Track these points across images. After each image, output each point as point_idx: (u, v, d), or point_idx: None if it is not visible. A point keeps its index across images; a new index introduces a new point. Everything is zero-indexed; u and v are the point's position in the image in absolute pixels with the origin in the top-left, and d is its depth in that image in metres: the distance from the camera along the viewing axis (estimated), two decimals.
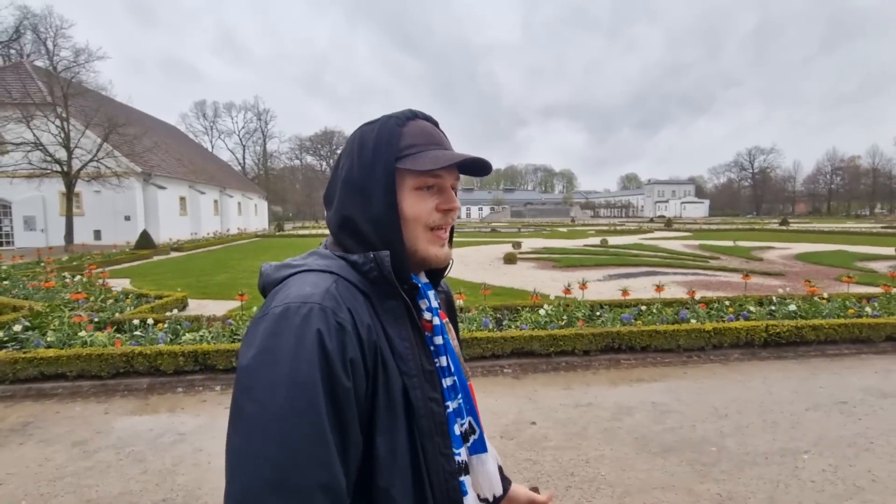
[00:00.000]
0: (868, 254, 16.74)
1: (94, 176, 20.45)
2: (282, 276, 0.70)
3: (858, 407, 4.06)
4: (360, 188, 0.73)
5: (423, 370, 0.71)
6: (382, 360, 0.66)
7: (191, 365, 4.87)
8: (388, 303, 0.71)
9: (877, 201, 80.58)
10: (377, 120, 0.77)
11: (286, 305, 0.62)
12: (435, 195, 0.75)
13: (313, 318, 0.60)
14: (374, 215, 0.72)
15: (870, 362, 5.32)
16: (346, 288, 0.67)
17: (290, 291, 0.65)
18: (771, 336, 5.71)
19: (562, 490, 2.89)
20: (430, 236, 0.76)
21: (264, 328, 0.61)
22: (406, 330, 0.71)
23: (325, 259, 0.73)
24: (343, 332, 0.61)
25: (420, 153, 0.73)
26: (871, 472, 3.05)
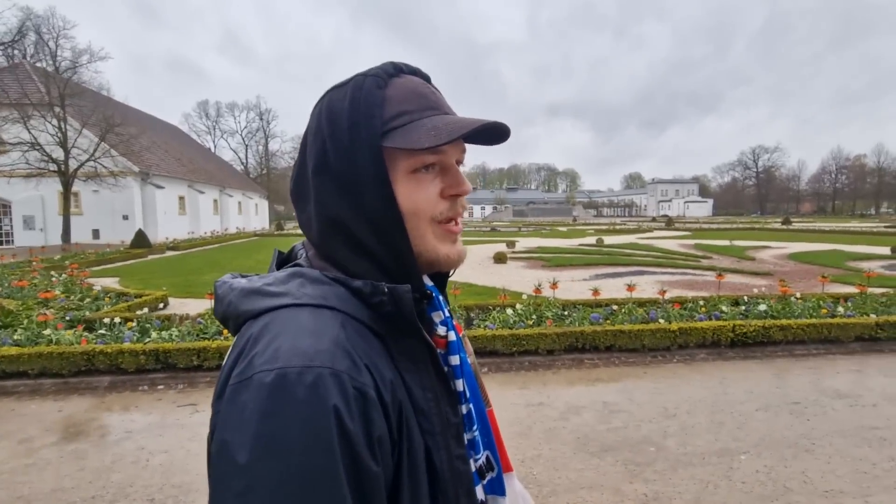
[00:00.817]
0: (863, 253, 16.59)
1: (90, 175, 20.61)
2: (255, 311, 0.51)
3: (810, 408, 4.03)
4: (343, 180, 0.55)
5: (447, 424, 0.56)
6: (406, 422, 0.52)
7: (152, 363, 4.91)
8: (406, 343, 0.54)
9: (882, 200, 79.86)
10: (348, 81, 0.57)
11: (281, 371, 0.44)
12: (437, 177, 0.58)
13: (326, 389, 0.44)
14: (369, 216, 0.55)
15: (835, 363, 5.28)
16: (357, 332, 0.51)
17: (279, 345, 0.46)
18: (738, 336, 5.68)
19: None
20: (440, 231, 0.59)
21: (254, 407, 0.44)
22: (429, 377, 0.55)
23: (317, 286, 0.54)
24: (367, 404, 0.46)
25: (413, 123, 0.55)
26: (804, 473, 3.04)
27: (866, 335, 5.84)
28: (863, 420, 3.78)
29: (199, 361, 4.96)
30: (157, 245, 21.05)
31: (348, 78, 0.58)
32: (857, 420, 3.78)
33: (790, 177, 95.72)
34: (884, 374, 4.88)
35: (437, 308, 0.62)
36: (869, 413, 3.91)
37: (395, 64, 0.60)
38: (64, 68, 41.86)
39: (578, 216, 75.73)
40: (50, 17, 38.90)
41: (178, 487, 2.94)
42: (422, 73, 0.62)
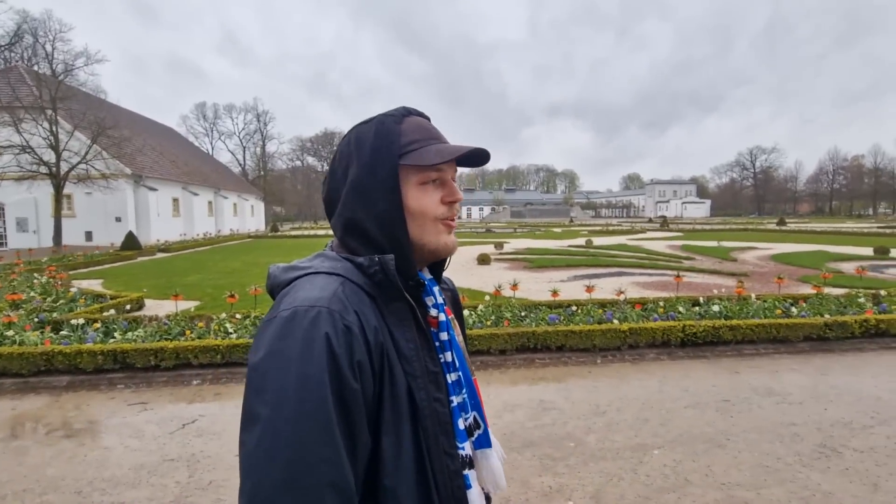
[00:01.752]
0: (846, 254, 16.71)
1: (81, 178, 20.76)
2: (289, 279, 0.72)
3: (738, 405, 4.16)
4: (364, 190, 0.74)
5: (427, 371, 0.72)
6: (388, 362, 0.68)
7: (110, 364, 5.04)
8: (394, 305, 0.72)
9: (879, 201, 79.85)
10: (371, 119, 0.78)
11: (294, 309, 0.63)
12: (438, 188, 0.77)
13: (321, 321, 0.62)
14: (378, 214, 0.73)
15: (779, 362, 5.41)
16: (353, 290, 0.69)
17: (297, 294, 0.66)
18: (688, 336, 5.80)
19: None
20: (439, 226, 0.77)
21: (273, 331, 0.63)
22: (411, 331, 0.72)
23: (332, 261, 0.74)
24: (350, 335, 0.63)
25: (422, 148, 0.75)
26: (709, 466, 3.17)
27: (815, 335, 5.97)
28: (784, 417, 3.90)
29: (156, 361, 5.10)
30: (147, 247, 21.20)
31: (372, 117, 0.79)
32: (778, 417, 3.91)
33: (788, 177, 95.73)
34: (821, 372, 5.00)
35: (429, 294, 0.79)
36: (792, 410, 4.04)
37: (406, 108, 0.80)
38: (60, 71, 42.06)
39: (576, 217, 75.79)
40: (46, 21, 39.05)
41: (108, 481, 3.07)
42: (425, 115, 0.83)
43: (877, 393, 4.39)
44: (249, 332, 5.90)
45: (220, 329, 5.94)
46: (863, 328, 6.02)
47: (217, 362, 5.21)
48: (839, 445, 3.42)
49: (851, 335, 6.02)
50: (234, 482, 2.97)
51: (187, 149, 43.81)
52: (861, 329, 6.02)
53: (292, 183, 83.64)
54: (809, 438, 3.53)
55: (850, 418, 3.86)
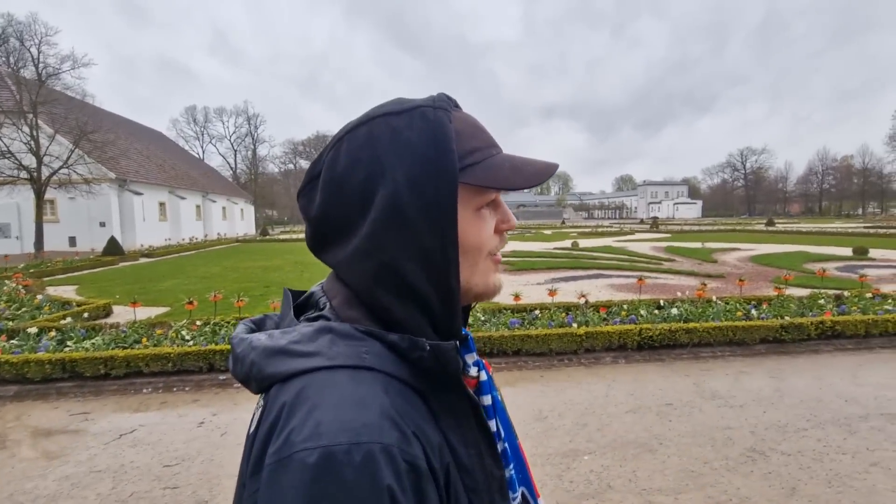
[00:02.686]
0: (825, 255, 16.85)
1: (63, 183, 20.61)
2: (283, 374, 0.47)
3: (679, 409, 4.18)
4: (407, 217, 0.50)
5: (491, 478, 0.53)
6: (452, 486, 0.48)
7: (59, 373, 5.00)
8: (448, 398, 0.51)
9: (868, 201, 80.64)
10: (406, 109, 0.53)
11: (325, 449, 0.40)
12: (492, 213, 0.57)
13: (377, 468, 0.40)
14: (424, 252, 0.50)
15: (733, 364, 5.44)
16: (400, 394, 0.47)
17: (320, 418, 0.42)
18: (644, 339, 5.83)
19: None
20: (490, 264, 0.58)
21: (298, 493, 0.39)
22: (472, 433, 0.52)
23: (350, 342, 0.49)
24: (419, 478, 0.43)
25: (488, 160, 0.55)
26: (634, 472, 3.18)
27: (771, 337, 6.00)
28: (721, 421, 3.92)
29: (106, 370, 5.06)
30: (130, 252, 21.06)
31: (405, 106, 0.53)
32: (716, 421, 3.93)
33: (778, 178, 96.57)
34: (770, 375, 5.04)
35: (470, 350, 0.58)
36: (732, 413, 4.06)
37: (448, 96, 0.57)
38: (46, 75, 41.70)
39: (568, 219, 76.14)
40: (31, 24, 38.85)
41: (28, 494, 3.05)
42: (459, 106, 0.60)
43: (819, 395, 4.43)
44: (207, 338, 5.87)
45: (176, 336, 5.91)
46: (819, 330, 6.07)
47: (169, 370, 5.17)
48: (768, 449, 3.44)
49: (808, 337, 6.06)
50: (156, 494, 2.96)
51: (175, 152, 43.60)
52: (817, 331, 6.06)
53: (285, 186, 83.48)
54: (741, 442, 3.55)
55: (787, 421, 3.89)
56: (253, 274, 14.17)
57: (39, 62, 40.99)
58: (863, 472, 3.12)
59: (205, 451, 3.56)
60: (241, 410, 4.37)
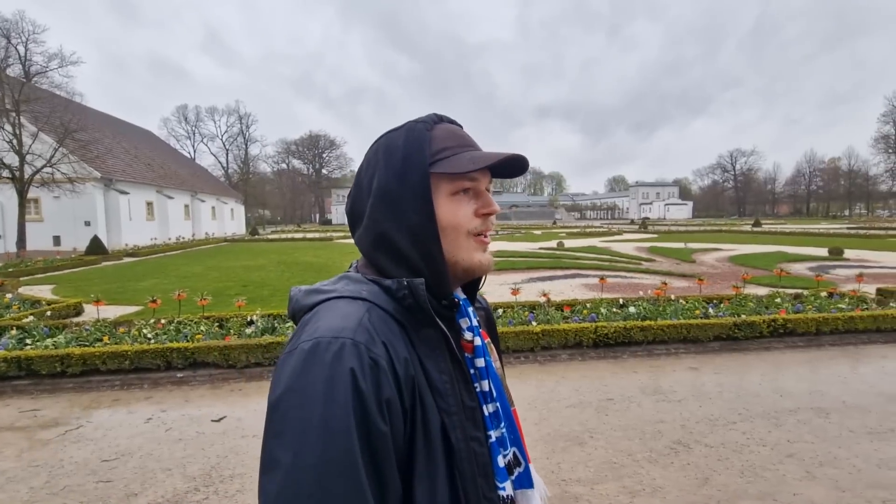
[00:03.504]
0: (802, 255, 17.10)
1: (46, 182, 20.48)
2: (311, 303, 0.66)
3: (619, 404, 4.29)
4: (393, 200, 0.67)
5: (463, 406, 0.65)
6: (420, 398, 0.61)
7: (14, 371, 5.03)
8: (425, 332, 0.65)
9: (854, 202, 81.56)
10: (402, 126, 0.72)
11: (316, 340, 0.58)
12: (472, 199, 0.71)
13: (345, 354, 0.56)
14: (410, 227, 0.67)
15: (684, 361, 5.56)
16: (380, 318, 0.63)
17: (319, 323, 0.60)
18: (600, 337, 5.94)
19: (226, 480, 3.09)
20: (473, 243, 0.71)
21: (293, 366, 0.57)
22: (445, 362, 0.65)
23: (357, 284, 0.68)
24: (378, 370, 0.57)
25: (454, 155, 0.69)
26: (559, 464, 3.28)
27: (724, 335, 6.14)
28: (656, 415, 4.03)
29: (62, 368, 5.10)
30: (113, 252, 20.97)
31: (402, 124, 0.73)
32: (651, 415, 4.04)
33: (767, 179, 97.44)
34: (716, 371, 5.16)
35: (464, 315, 0.72)
36: (668, 408, 4.17)
37: (438, 115, 0.75)
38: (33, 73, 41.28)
39: (560, 219, 76.42)
40: (19, 22, 38.49)
41: None
42: (457, 123, 0.77)
43: (758, 390, 4.55)
44: (171, 336, 5.92)
45: (139, 335, 5.95)
46: (771, 328, 6.21)
47: (126, 368, 5.22)
48: (693, 441, 3.55)
49: (760, 335, 6.20)
50: (89, 487, 3.02)
51: (164, 152, 43.37)
52: (769, 329, 6.20)
53: (278, 186, 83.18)
54: (669, 435, 3.66)
55: (719, 415, 4.01)
56: (234, 273, 14.18)
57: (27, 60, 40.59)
58: (777, 463, 3.23)
59: (146, 447, 3.63)
60: (190, 407, 4.43)
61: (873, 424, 3.79)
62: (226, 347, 5.37)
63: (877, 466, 3.17)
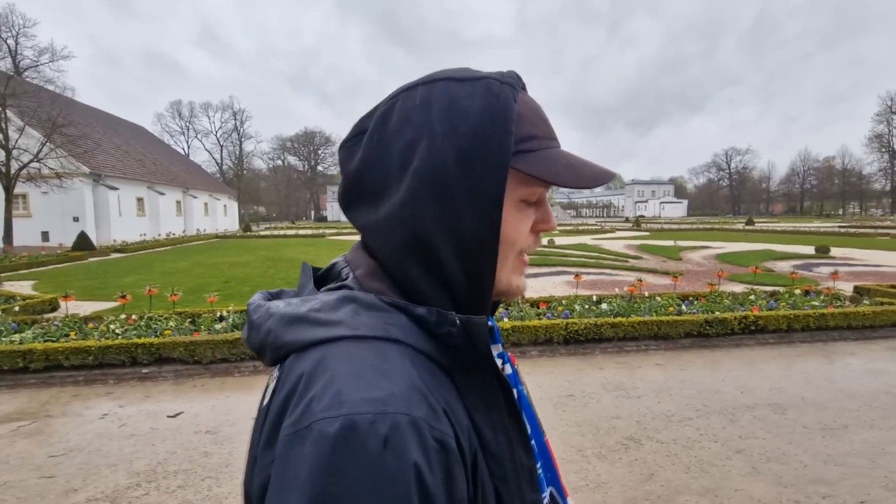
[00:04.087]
0: (788, 253, 17.18)
1: (31, 177, 20.33)
2: (303, 343, 0.44)
3: (579, 400, 4.28)
4: (447, 190, 0.46)
5: (520, 467, 0.49)
6: (480, 473, 0.45)
7: None
8: (475, 378, 0.47)
9: (848, 201, 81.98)
10: (473, 78, 0.49)
11: (347, 419, 0.37)
12: (534, 210, 0.53)
13: (404, 442, 0.37)
14: (461, 233, 0.47)
15: (652, 357, 5.56)
16: (427, 369, 0.44)
17: (341, 387, 0.39)
18: (570, 334, 5.93)
19: (170, 476, 3.07)
20: (518, 263, 0.54)
21: (317, 465, 0.36)
22: (501, 417, 0.48)
23: (374, 314, 0.46)
24: (448, 457, 0.40)
25: (543, 151, 0.50)
26: None
27: (695, 332, 6.14)
28: (614, 411, 4.03)
29: (24, 364, 5.05)
30: (101, 248, 20.86)
31: (471, 75, 0.50)
32: (608, 411, 4.03)
33: (762, 178, 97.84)
34: (681, 367, 5.16)
35: (495, 341, 0.57)
36: (627, 404, 4.17)
37: (518, 75, 0.53)
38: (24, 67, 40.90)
39: (557, 216, 76.18)
40: (9, 15, 38.16)
41: None
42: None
43: (718, 387, 4.56)
44: (141, 332, 5.87)
45: (107, 330, 5.91)
46: (742, 325, 6.21)
47: (90, 364, 5.18)
48: (646, 437, 3.55)
49: (731, 332, 6.21)
50: (30, 483, 2.99)
51: (156, 147, 43.14)
52: (740, 326, 6.21)
53: (273, 182, 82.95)
54: (623, 431, 3.65)
55: (676, 411, 4.01)
56: (218, 269, 14.12)
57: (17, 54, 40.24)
58: (725, 458, 3.23)
59: (95, 442, 3.60)
60: (149, 402, 4.40)
61: (828, 420, 3.80)
62: (191, 343, 5.34)
63: (823, 462, 3.17)
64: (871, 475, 3.01)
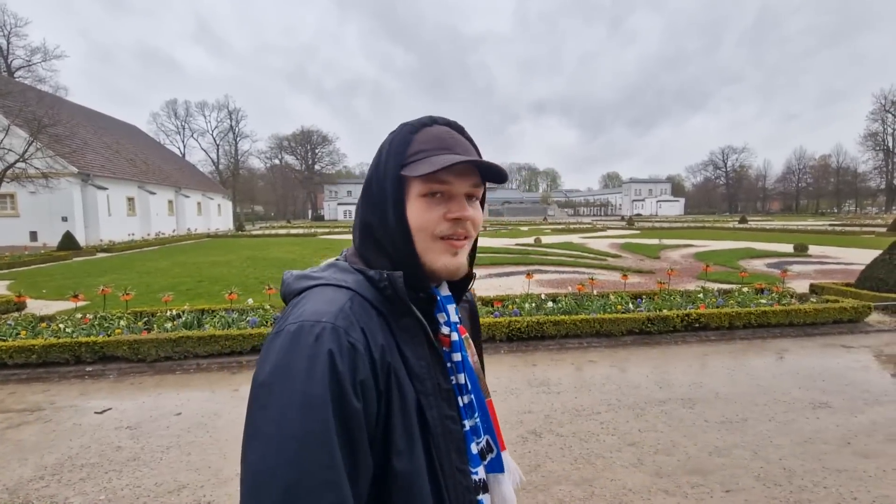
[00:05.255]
0: (766, 251, 17.28)
1: (17, 177, 20.42)
2: (300, 288, 0.71)
3: (499, 395, 4.38)
4: (371, 196, 0.74)
5: (439, 388, 0.71)
6: (397, 380, 0.66)
7: None
8: (404, 321, 0.70)
9: (843, 199, 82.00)
10: (398, 126, 0.77)
11: (300, 323, 0.63)
12: (442, 203, 0.73)
13: (325, 337, 0.61)
14: (387, 226, 0.72)
15: (588, 354, 5.66)
16: (362, 306, 0.68)
17: (305, 308, 0.66)
18: (512, 331, 6.04)
19: (76, 469, 3.18)
20: (441, 245, 0.73)
21: (279, 345, 0.62)
22: (422, 348, 0.71)
23: (343, 273, 0.73)
24: (354, 353, 0.62)
25: (426, 158, 0.71)
26: None
27: (637, 329, 6.25)
28: (529, 406, 4.13)
29: None
30: (88, 247, 20.96)
31: (403, 124, 0.77)
32: (523, 406, 4.13)
33: (759, 176, 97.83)
34: (612, 364, 5.26)
35: (441, 310, 0.76)
36: (545, 399, 4.27)
37: (432, 117, 0.77)
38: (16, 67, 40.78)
39: (553, 215, 76.64)
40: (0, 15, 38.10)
41: None
42: (454, 125, 0.79)
43: (640, 382, 4.66)
44: (94, 331, 5.97)
45: (58, 329, 6.01)
46: (685, 322, 6.32)
47: (34, 362, 5.29)
48: (547, 431, 3.65)
49: (674, 329, 6.32)
50: None
51: (149, 147, 43.19)
52: (683, 323, 6.31)
53: (270, 181, 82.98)
54: (528, 425, 3.76)
55: (589, 406, 4.11)
56: (196, 269, 14.22)
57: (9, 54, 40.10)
58: (616, 451, 3.34)
59: (14, 437, 3.70)
60: (82, 399, 4.51)
61: (731, 414, 3.90)
62: (135, 342, 5.44)
63: (708, 454, 3.28)
64: (749, 466, 3.12)
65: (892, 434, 3.54)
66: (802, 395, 4.28)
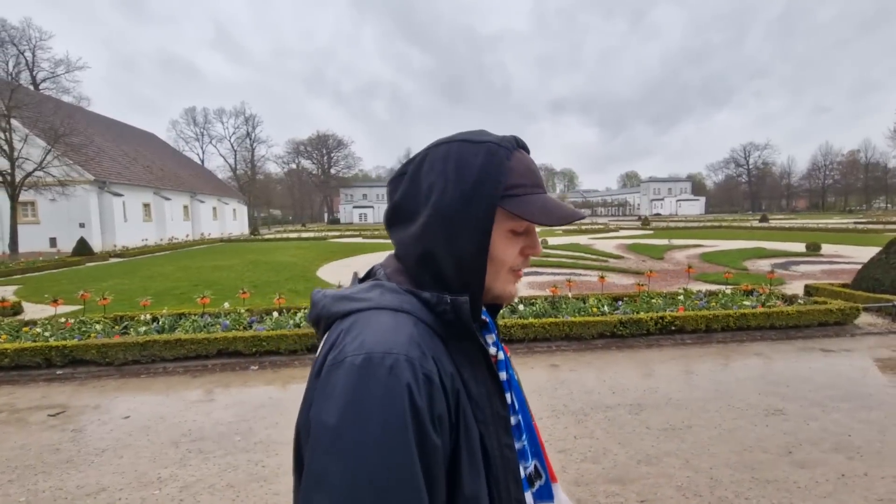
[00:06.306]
0: (777, 251, 16.77)
1: (32, 185, 21.17)
2: (343, 311, 0.64)
3: None
4: (452, 221, 0.65)
5: (497, 416, 0.67)
6: (462, 410, 0.62)
7: None
8: (464, 345, 0.66)
9: (872, 196, 79.05)
10: (480, 141, 0.69)
11: (367, 354, 0.56)
12: (521, 238, 0.71)
13: (400, 370, 0.56)
14: (460, 254, 0.66)
15: (555, 357, 5.56)
16: (425, 332, 0.63)
17: (365, 337, 0.59)
18: None
19: (7, 471, 3.24)
20: (511, 276, 0.72)
21: (345, 381, 0.55)
22: (482, 374, 0.67)
23: (394, 295, 0.66)
24: (430, 386, 0.58)
25: (527, 196, 0.68)
26: None
27: (608, 332, 6.11)
28: None
29: None
30: (101, 253, 21.59)
31: (480, 138, 0.69)
32: None
33: (783, 174, 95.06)
34: (572, 369, 5.15)
35: (490, 331, 0.73)
36: None
37: (517, 138, 0.73)
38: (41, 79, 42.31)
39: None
40: (26, 29, 39.68)
41: None
42: (527, 148, 0.76)
43: (595, 387, 4.55)
44: (73, 335, 6.13)
45: (38, 333, 6.19)
46: (658, 325, 6.15)
47: (6, 365, 5.44)
48: None
49: (647, 332, 6.16)
50: None
51: (166, 154, 44.36)
52: (657, 326, 6.15)
53: (287, 186, 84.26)
54: None
55: (541, 408, 4.02)
56: (198, 273, 14.50)
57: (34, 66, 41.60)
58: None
59: None
60: (42, 401, 4.62)
61: (676, 421, 3.77)
62: (104, 345, 5.56)
63: (637, 462, 3.17)
64: (674, 475, 3.00)
65: (839, 443, 3.37)
66: (759, 402, 4.11)
